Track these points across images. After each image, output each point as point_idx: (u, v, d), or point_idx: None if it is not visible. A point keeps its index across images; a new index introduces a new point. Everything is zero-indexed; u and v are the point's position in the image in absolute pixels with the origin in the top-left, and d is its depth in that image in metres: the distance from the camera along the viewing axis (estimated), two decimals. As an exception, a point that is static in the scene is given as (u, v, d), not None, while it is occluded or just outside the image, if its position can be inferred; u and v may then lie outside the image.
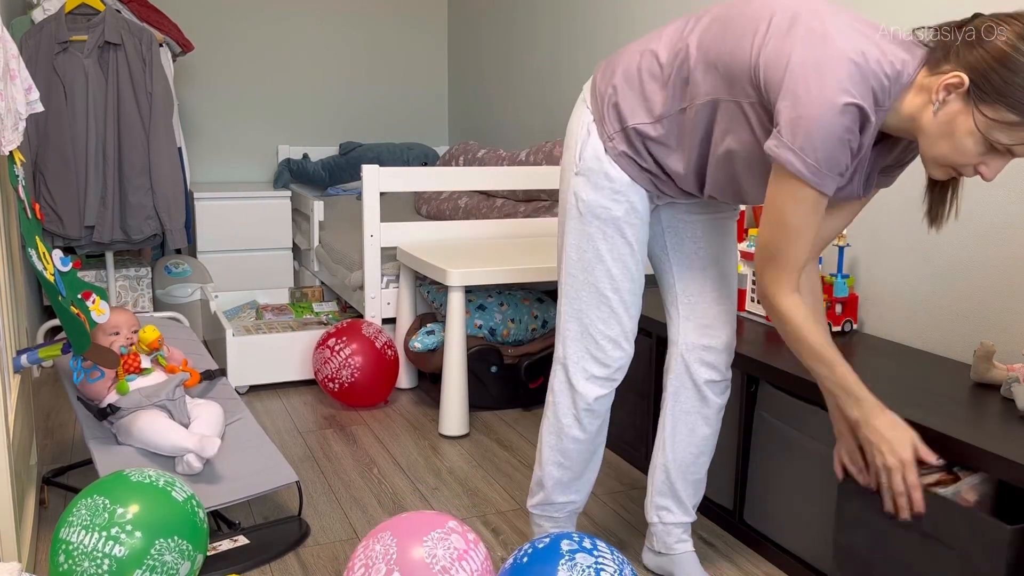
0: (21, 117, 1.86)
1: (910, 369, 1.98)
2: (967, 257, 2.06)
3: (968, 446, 1.54)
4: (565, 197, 1.75)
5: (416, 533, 1.53)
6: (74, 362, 2.05)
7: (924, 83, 1.40)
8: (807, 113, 1.37)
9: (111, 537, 1.62)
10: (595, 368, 1.76)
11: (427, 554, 1.50)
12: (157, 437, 2.08)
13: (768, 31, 1.45)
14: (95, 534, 1.62)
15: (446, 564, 1.50)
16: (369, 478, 2.48)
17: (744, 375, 2.09)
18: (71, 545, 1.62)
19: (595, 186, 1.69)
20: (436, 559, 1.50)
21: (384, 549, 1.52)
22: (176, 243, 3.40)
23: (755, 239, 1.53)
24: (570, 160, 1.73)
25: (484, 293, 3.05)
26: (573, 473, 1.86)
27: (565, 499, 1.89)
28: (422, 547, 1.51)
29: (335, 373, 2.94)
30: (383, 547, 1.52)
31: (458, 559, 1.51)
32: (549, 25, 3.88)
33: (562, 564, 1.43)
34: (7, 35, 1.79)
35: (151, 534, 1.65)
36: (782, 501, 2.00)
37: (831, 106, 1.36)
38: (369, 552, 1.53)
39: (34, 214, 1.99)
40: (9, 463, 1.67)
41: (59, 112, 3.19)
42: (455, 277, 2.68)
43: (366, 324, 3.01)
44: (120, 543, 1.62)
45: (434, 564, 1.49)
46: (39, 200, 3.22)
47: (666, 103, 1.60)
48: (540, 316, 3.05)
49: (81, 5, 3.23)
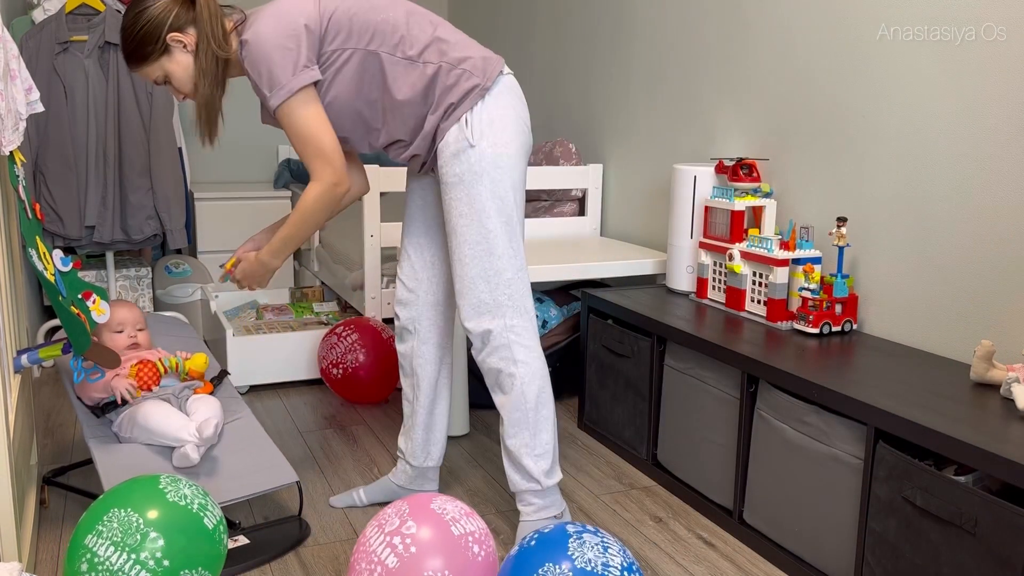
0: (21, 117, 1.86)
1: (910, 369, 1.98)
2: (967, 257, 2.06)
3: (968, 446, 1.54)
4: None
5: (424, 499, 1.66)
6: (74, 362, 2.05)
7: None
8: None
9: (139, 562, 1.58)
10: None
11: (438, 507, 1.62)
12: (160, 424, 2.08)
13: None
14: (124, 554, 1.58)
15: (455, 515, 1.61)
16: (369, 478, 2.48)
17: (744, 375, 2.09)
18: (97, 557, 1.58)
19: None
20: (446, 511, 1.61)
21: (395, 509, 1.62)
22: (176, 243, 3.40)
23: (757, 238, 1.52)
24: None
25: None
26: None
27: None
28: (433, 503, 1.64)
29: (340, 358, 2.96)
30: (394, 508, 1.63)
31: (466, 514, 1.64)
32: (549, 25, 3.88)
33: (572, 542, 1.51)
34: (7, 35, 1.79)
35: (178, 564, 1.62)
36: (782, 501, 2.00)
37: None
38: (381, 515, 1.63)
39: (34, 214, 1.99)
40: (9, 463, 1.67)
41: (59, 112, 3.19)
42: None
43: (373, 319, 3.05)
44: (147, 570, 1.59)
45: (444, 515, 1.60)
46: (39, 200, 3.22)
47: None
48: (540, 316, 3.05)
49: (81, 5, 3.23)
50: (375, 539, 1.57)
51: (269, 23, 1.86)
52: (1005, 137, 1.96)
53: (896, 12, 2.19)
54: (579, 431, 2.85)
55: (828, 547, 1.88)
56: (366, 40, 1.91)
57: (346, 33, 1.90)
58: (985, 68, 1.99)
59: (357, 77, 1.93)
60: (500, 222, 1.92)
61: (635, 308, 2.54)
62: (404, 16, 1.94)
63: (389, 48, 1.92)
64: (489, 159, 1.91)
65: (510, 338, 1.96)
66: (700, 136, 2.93)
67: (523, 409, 1.98)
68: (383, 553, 1.54)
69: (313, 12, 1.88)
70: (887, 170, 2.24)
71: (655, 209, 3.19)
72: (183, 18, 1.91)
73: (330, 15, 1.90)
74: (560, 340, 3.04)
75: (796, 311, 2.29)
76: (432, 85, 1.92)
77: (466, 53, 1.94)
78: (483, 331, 1.95)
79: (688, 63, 2.97)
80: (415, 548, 1.54)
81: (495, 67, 1.95)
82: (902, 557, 1.67)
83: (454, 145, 1.92)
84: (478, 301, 1.94)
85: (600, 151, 3.51)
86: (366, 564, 1.55)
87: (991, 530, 1.49)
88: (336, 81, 1.92)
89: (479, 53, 1.96)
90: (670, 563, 2.05)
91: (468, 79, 1.92)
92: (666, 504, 2.35)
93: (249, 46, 1.87)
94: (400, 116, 1.96)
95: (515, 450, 2.00)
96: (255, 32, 1.86)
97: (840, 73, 2.36)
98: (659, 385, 2.46)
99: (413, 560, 1.53)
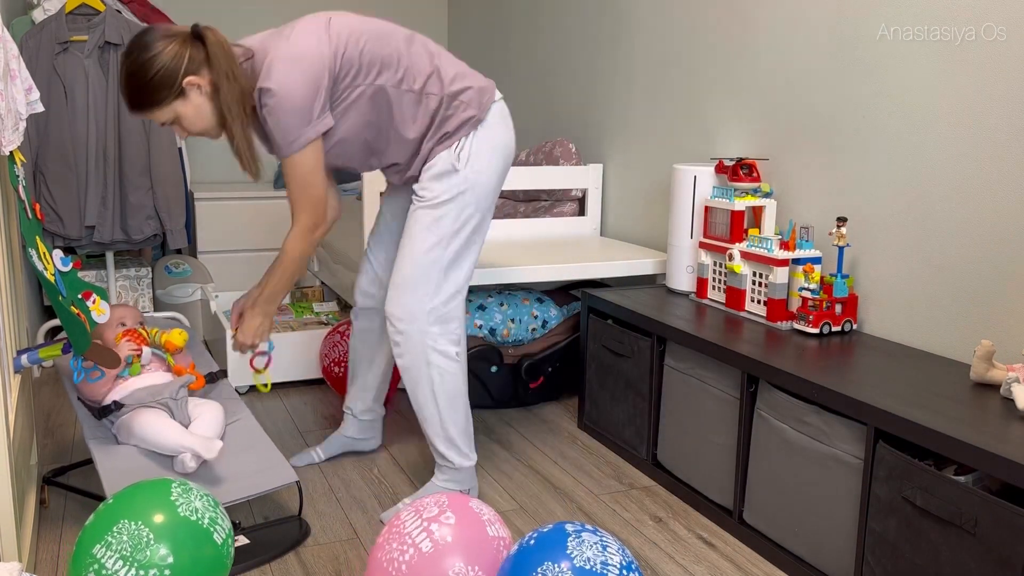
0: (21, 117, 1.86)
1: (910, 369, 1.98)
2: (967, 257, 2.06)
3: (968, 446, 1.54)
4: None
5: (463, 498, 1.68)
6: (74, 362, 2.05)
7: None
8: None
9: None
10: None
11: (476, 507, 1.64)
12: (157, 436, 2.08)
13: None
14: (133, 569, 1.57)
15: (491, 519, 1.64)
16: (369, 478, 2.48)
17: (744, 375, 2.09)
18: (105, 569, 1.57)
19: None
20: (483, 512, 1.64)
21: (435, 499, 1.65)
22: (176, 243, 3.40)
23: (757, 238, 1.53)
24: None
25: (484, 293, 3.06)
26: None
27: None
28: (471, 502, 1.65)
29: (343, 356, 2.97)
30: (434, 499, 1.65)
31: (499, 520, 1.66)
32: (549, 25, 3.88)
33: (571, 541, 1.51)
34: (7, 35, 1.79)
35: None
36: (782, 501, 2.00)
37: None
38: (420, 503, 1.65)
39: (34, 214, 1.99)
40: (9, 463, 1.67)
41: (59, 112, 3.19)
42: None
43: None
44: None
45: (482, 515, 1.63)
46: (39, 200, 3.22)
47: None
48: (540, 316, 3.05)
49: (81, 5, 3.23)
50: (411, 523, 1.60)
51: (292, 74, 1.90)
52: (1005, 137, 1.96)
53: (896, 12, 2.19)
54: (579, 431, 2.85)
55: (828, 547, 1.88)
56: (374, 75, 2.01)
57: (356, 68, 2.00)
58: (985, 68, 1.99)
59: (366, 111, 2.04)
60: (457, 244, 2.07)
61: (635, 308, 2.54)
62: (406, 45, 2.07)
63: (395, 82, 2.03)
64: (469, 184, 2.06)
65: (426, 343, 2.09)
66: (700, 136, 2.93)
67: (434, 406, 2.16)
68: (418, 537, 1.57)
69: (328, 53, 1.94)
70: (887, 170, 2.24)
71: (655, 209, 3.19)
72: (196, 60, 1.91)
73: (343, 52, 1.97)
74: (560, 340, 3.04)
75: (796, 311, 2.29)
76: (434, 118, 2.06)
77: (464, 84, 2.08)
78: (404, 328, 2.10)
79: (688, 63, 2.97)
80: (451, 538, 1.56)
81: (489, 97, 2.10)
82: (902, 557, 1.67)
83: (440, 167, 2.06)
84: (408, 300, 2.08)
85: (600, 151, 3.51)
86: (398, 544, 1.58)
87: (991, 530, 1.49)
88: (346, 116, 2.02)
89: (475, 83, 2.10)
90: (670, 563, 2.05)
91: (465, 110, 2.06)
92: (666, 504, 2.35)
93: (272, 95, 1.90)
94: (403, 144, 2.09)
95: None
96: (278, 82, 1.90)
97: (840, 73, 2.36)
98: (659, 385, 2.46)
99: (447, 550, 1.55)
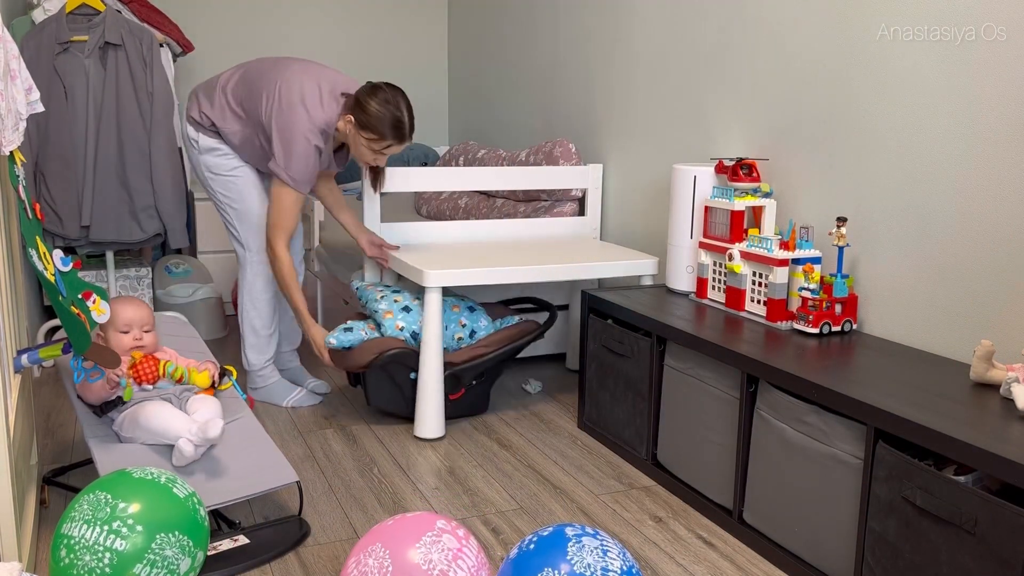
0: (22, 117, 1.86)
1: (910, 369, 1.98)
2: (967, 257, 2.06)
3: (968, 446, 1.54)
4: None
5: (407, 540, 1.52)
6: (74, 362, 2.05)
7: (343, 119, 2.71)
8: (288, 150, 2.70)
9: (112, 531, 1.63)
10: None
11: (422, 559, 1.50)
12: (163, 423, 2.07)
13: (269, 101, 2.71)
14: (96, 528, 1.62)
15: (443, 568, 1.50)
16: (369, 478, 2.48)
17: (744, 375, 2.09)
18: (72, 539, 1.62)
19: None
20: (432, 564, 1.50)
21: (378, 563, 1.51)
22: (176, 243, 3.40)
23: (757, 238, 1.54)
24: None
25: (412, 295, 2.93)
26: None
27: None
28: (416, 552, 1.51)
29: None
30: (376, 560, 1.52)
31: (453, 559, 1.52)
32: (549, 25, 3.88)
33: (571, 546, 1.49)
34: (8, 35, 1.79)
35: (152, 529, 1.66)
36: (782, 501, 2.00)
37: (304, 143, 2.69)
38: (363, 568, 1.52)
39: (35, 214, 1.99)
40: (9, 463, 1.67)
41: (60, 112, 3.19)
42: (432, 278, 2.67)
43: None
44: (121, 537, 1.63)
45: (431, 570, 1.49)
46: (39, 200, 3.22)
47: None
48: (469, 325, 2.90)
49: (82, 5, 3.24)
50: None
51: None
52: (1005, 137, 1.96)
53: (896, 12, 2.19)
54: (579, 431, 2.85)
55: (828, 547, 1.88)
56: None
57: None
58: (985, 68, 1.99)
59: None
60: None
61: (635, 308, 2.54)
62: None
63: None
64: None
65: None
66: (700, 136, 2.93)
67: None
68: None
69: None
70: (887, 170, 2.24)
71: (655, 209, 3.19)
72: None
73: None
74: (486, 352, 2.84)
75: (796, 311, 2.29)
76: None
77: None
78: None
79: (688, 63, 2.97)
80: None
81: None
82: (902, 557, 1.67)
83: None
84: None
85: (600, 151, 3.51)
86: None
87: (991, 530, 1.49)
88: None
89: None
90: (670, 563, 2.05)
91: None
92: (666, 504, 2.35)
93: None
94: None
95: None
96: None
97: (840, 73, 2.36)
98: (659, 385, 2.46)
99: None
